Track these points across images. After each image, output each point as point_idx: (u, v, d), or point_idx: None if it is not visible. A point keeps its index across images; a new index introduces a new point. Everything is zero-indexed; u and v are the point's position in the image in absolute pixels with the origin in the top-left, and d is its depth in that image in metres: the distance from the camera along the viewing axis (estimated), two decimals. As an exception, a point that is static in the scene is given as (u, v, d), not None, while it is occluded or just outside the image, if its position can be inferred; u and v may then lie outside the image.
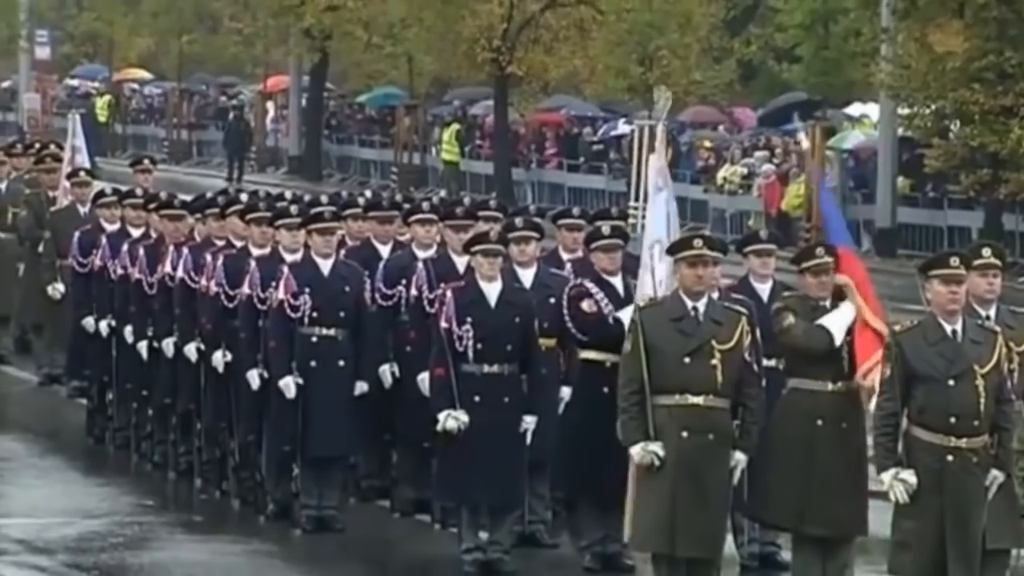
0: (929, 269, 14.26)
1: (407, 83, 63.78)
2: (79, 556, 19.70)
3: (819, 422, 15.24)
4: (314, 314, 19.52)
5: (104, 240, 24.12)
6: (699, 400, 14.74)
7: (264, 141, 68.10)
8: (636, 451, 14.77)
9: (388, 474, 20.96)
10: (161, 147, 70.43)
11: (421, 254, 20.15)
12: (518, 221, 17.97)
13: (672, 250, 15.38)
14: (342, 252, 20.64)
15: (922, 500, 13.85)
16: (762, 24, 55.60)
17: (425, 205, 21.78)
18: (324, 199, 23.50)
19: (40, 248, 28.66)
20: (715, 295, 16.18)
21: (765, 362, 16.35)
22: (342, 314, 19.55)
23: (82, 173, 29.11)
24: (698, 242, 15.07)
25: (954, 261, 14.10)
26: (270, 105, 69.14)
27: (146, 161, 31.43)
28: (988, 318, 14.99)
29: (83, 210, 27.81)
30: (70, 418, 26.63)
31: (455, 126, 60.18)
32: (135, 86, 75.66)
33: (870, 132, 50.70)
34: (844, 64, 52.79)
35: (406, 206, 22.45)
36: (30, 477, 23.98)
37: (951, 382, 13.99)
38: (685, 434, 14.65)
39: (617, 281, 17.07)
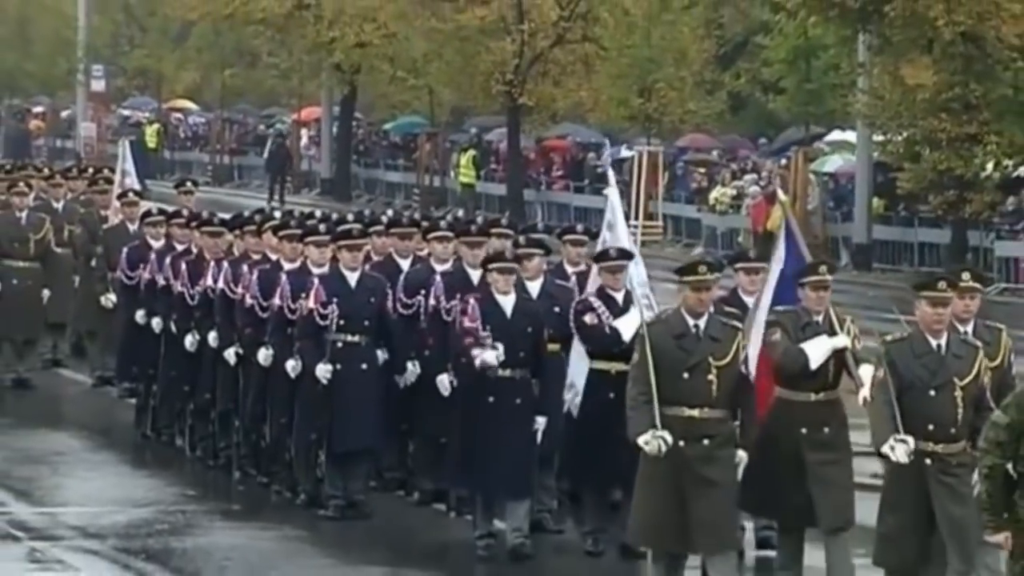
0: (920, 289, 14.21)
1: (428, 112, 63.58)
2: (128, 541, 19.68)
3: (803, 430, 15.18)
4: (341, 322, 19.59)
5: (152, 255, 24.29)
6: (695, 413, 14.68)
7: (299, 165, 68.11)
8: (645, 437, 14.67)
9: (406, 465, 21.15)
10: (205, 171, 70.16)
11: (439, 268, 20.28)
12: (522, 239, 18.12)
13: (680, 272, 15.27)
14: (367, 266, 20.76)
15: (905, 497, 13.89)
16: (750, 59, 55.13)
17: (442, 223, 21.99)
18: (350, 217, 23.64)
19: (93, 262, 28.59)
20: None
21: None
22: (366, 323, 19.65)
23: (131, 194, 29.36)
24: (703, 268, 15.07)
25: (941, 285, 14.12)
26: (304, 132, 68.77)
27: (189, 183, 31.43)
28: (966, 333, 15.00)
29: (132, 228, 27.80)
30: (120, 416, 26.45)
31: (471, 152, 60.22)
32: (181, 116, 75.79)
33: (848, 157, 51.04)
34: (825, 95, 52.60)
35: (424, 224, 22.69)
36: (84, 470, 23.87)
37: (932, 392, 13.97)
38: (682, 443, 14.57)
39: (620, 296, 17.09)
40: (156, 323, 23.59)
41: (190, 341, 22.28)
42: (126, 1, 75.82)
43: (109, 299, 27.40)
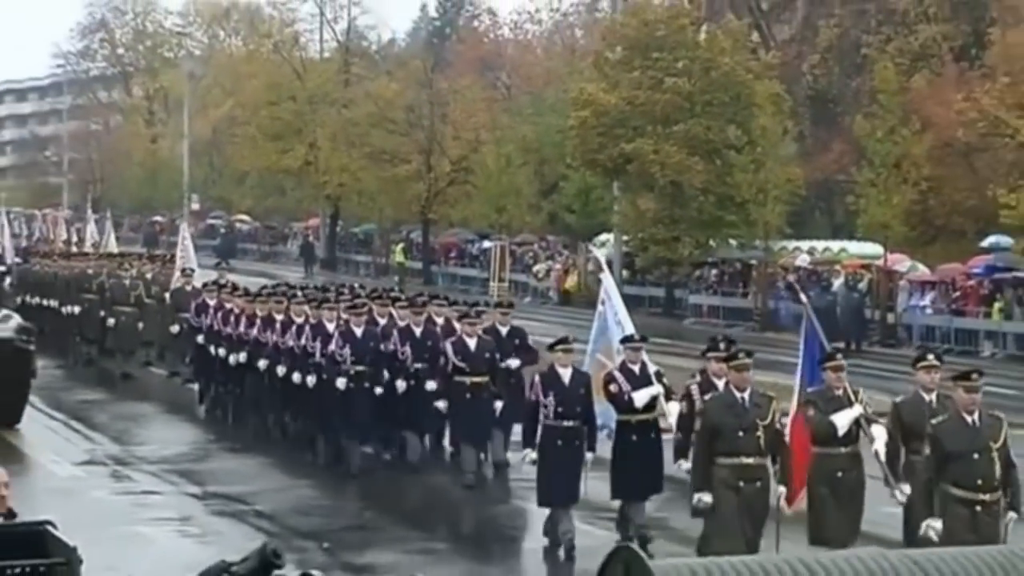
0: (955, 380, 12.06)
1: (379, 222, 62.75)
2: (171, 465, 19.81)
3: (839, 474, 13.22)
4: (352, 359, 18.91)
5: (211, 311, 23.86)
6: (750, 461, 12.90)
7: (307, 252, 68.96)
8: (698, 496, 13.04)
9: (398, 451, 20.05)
10: (256, 255, 71.36)
11: (400, 324, 19.71)
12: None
13: (726, 359, 13.72)
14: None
15: (956, 537, 11.20)
16: (557, 193, 52.56)
17: (418, 300, 21.20)
18: (346, 290, 23.58)
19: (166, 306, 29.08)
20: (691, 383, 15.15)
21: None
22: (367, 358, 19.04)
23: (187, 269, 29.24)
24: (742, 356, 13.41)
25: (974, 376, 11.86)
26: (308, 232, 67.87)
27: (221, 271, 33.75)
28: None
29: (188, 288, 27.91)
30: (181, 395, 26.44)
31: (402, 244, 60.87)
32: (241, 223, 75.89)
33: (610, 248, 47.02)
34: (597, 215, 49.88)
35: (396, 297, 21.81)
36: (153, 425, 24.01)
37: (975, 455, 11.68)
38: (742, 484, 12.84)
39: (637, 368, 15.24)
40: (212, 349, 23.41)
41: (232, 359, 22.24)
42: (210, 158, 77.81)
43: (174, 329, 27.89)
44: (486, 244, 54.73)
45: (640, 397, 15.11)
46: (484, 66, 64.52)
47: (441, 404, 18.77)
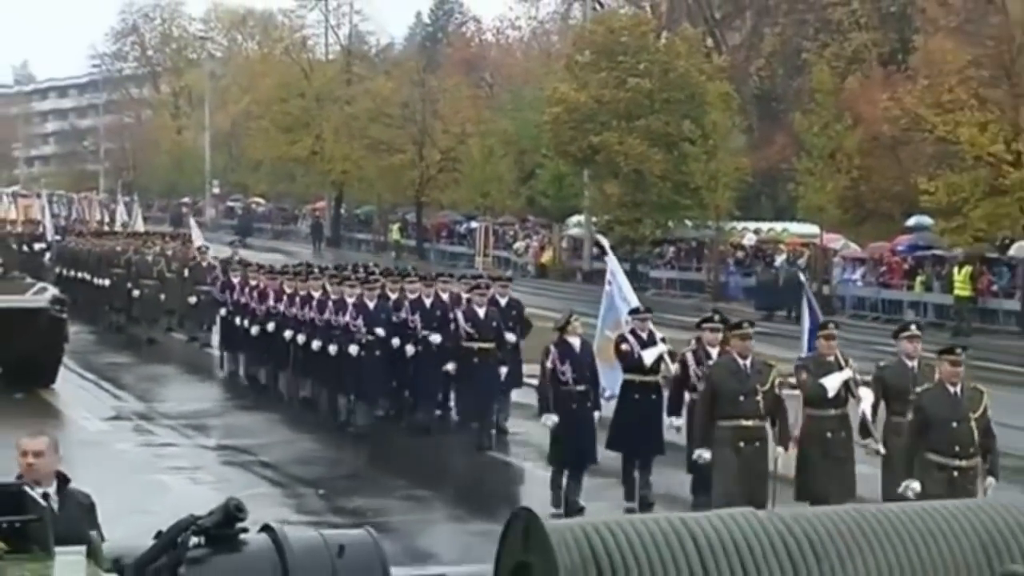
0: (940, 353, 11.49)
1: (378, 204, 62.98)
2: (188, 419, 19.74)
3: (828, 434, 12.68)
4: (364, 328, 18.57)
5: (237, 286, 23.08)
6: (750, 423, 12.36)
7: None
8: (698, 452, 12.75)
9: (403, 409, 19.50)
10: (269, 233, 70.29)
11: (411, 296, 19.13)
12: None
13: (730, 328, 13.31)
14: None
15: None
16: (535, 179, 51.98)
17: (411, 274, 20.91)
18: (364, 268, 22.99)
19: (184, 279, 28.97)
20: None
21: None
22: (378, 330, 18.65)
23: (202, 247, 30.02)
24: (746, 325, 12.97)
25: (957, 351, 11.41)
26: (318, 213, 67.70)
27: (236, 243, 33.78)
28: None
29: (204, 264, 28.42)
30: (202, 358, 26.47)
31: (399, 224, 60.85)
32: (257, 205, 75.65)
33: (582, 227, 49.15)
34: (570, 199, 49.98)
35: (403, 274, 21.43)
36: (173, 384, 23.95)
37: (954, 424, 11.10)
38: (742, 444, 12.31)
39: (645, 335, 14.77)
40: (237, 320, 22.76)
41: (255, 330, 21.55)
42: (229, 148, 77.59)
43: (191, 300, 28.11)
44: (472, 224, 54.72)
45: (648, 355, 14.65)
46: (470, 67, 64.39)
47: (450, 366, 18.19)
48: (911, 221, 40.10)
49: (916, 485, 11.14)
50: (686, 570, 2.84)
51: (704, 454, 12.68)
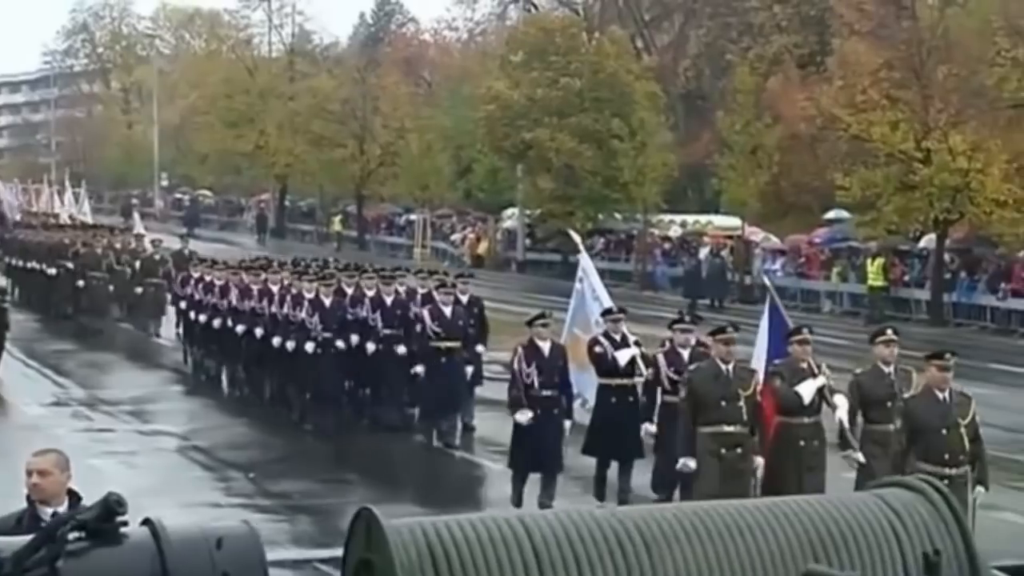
0: (928, 358, 10.72)
1: (320, 196, 63.23)
2: (128, 406, 19.53)
3: (802, 443, 11.88)
4: (320, 326, 17.88)
5: (194, 281, 22.51)
6: (732, 429, 11.68)
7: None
8: (683, 460, 11.84)
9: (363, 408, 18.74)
10: (216, 224, 68.95)
11: (369, 293, 18.39)
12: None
13: (712, 333, 12.26)
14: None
15: None
16: (472, 173, 52.01)
17: (368, 271, 19.96)
18: (321, 263, 22.86)
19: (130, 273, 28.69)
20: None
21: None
22: (334, 324, 17.97)
23: (155, 241, 29.79)
24: (730, 330, 12.06)
25: (947, 356, 10.63)
26: (263, 205, 67.07)
27: (187, 238, 32.00)
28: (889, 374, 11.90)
29: (156, 258, 28.08)
30: (147, 347, 26.22)
31: (340, 215, 59.89)
32: (204, 197, 74.76)
33: (516, 219, 48.90)
34: (504, 191, 49.60)
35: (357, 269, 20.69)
36: (116, 371, 23.60)
37: (944, 431, 10.48)
38: (724, 451, 11.64)
39: (618, 336, 14.01)
40: (192, 314, 22.29)
41: (217, 323, 20.75)
42: (177, 142, 76.44)
43: (138, 290, 27.72)
44: (411, 216, 54.70)
45: (622, 356, 13.90)
46: (409, 66, 64.01)
47: (419, 368, 17.22)
48: (832, 214, 40.35)
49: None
50: (521, 567, 2.81)
51: (689, 463, 11.95)
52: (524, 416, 13.59)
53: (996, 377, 21.75)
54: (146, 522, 3.76)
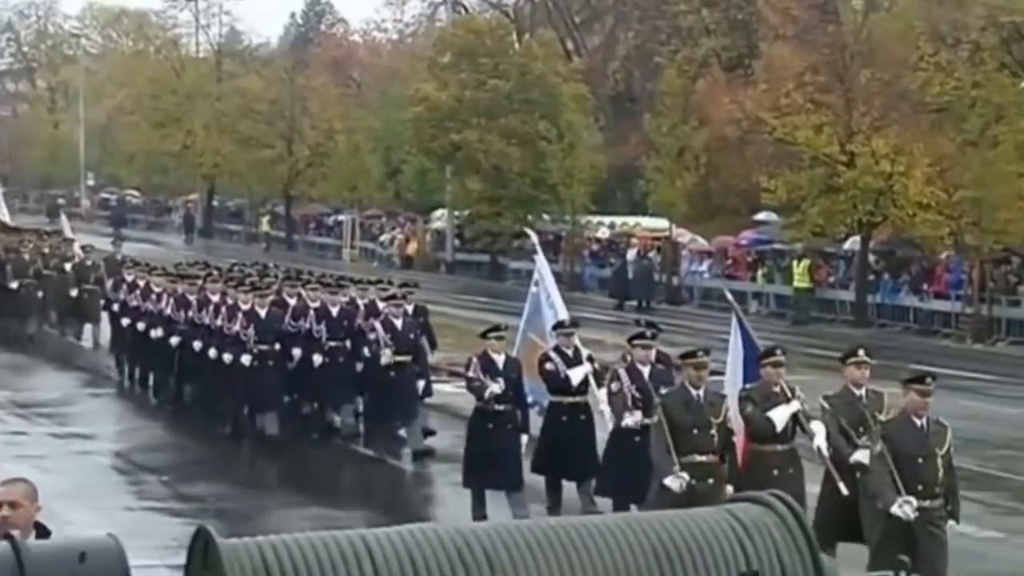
0: (907, 382, 9.92)
1: (249, 197, 62.55)
2: (43, 408, 19.23)
3: (775, 472, 10.98)
4: (255, 338, 17.29)
5: (127, 287, 21.92)
6: (704, 459, 11.02)
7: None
8: (669, 480, 10.89)
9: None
10: (143, 224, 68.30)
11: (312, 304, 17.86)
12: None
13: (683, 356, 11.56)
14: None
15: (896, 542, 9.24)
16: (401, 174, 51.80)
17: (310, 281, 19.47)
18: (260, 268, 22.52)
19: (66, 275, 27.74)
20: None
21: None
22: (269, 336, 17.42)
23: (86, 246, 28.84)
24: (701, 354, 11.37)
25: (928, 380, 9.91)
26: (190, 205, 66.34)
27: (117, 240, 31.94)
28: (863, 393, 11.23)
29: (88, 263, 27.26)
30: (68, 350, 25.91)
31: (268, 215, 59.84)
32: (132, 197, 73.58)
33: (444, 221, 49.03)
34: (433, 192, 49.23)
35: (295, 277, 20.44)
36: (36, 374, 23.19)
37: (920, 460, 9.82)
38: (694, 482, 10.89)
39: (570, 352, 13.50)
40: (125, 322, 21.64)
41: (153, 334, 19.97)
42: (104, 141, 75.78)
43: (73, 293, 26.86)
44: (340, 217, 54.60)
45: (576, 375, 13.37)
46: (338, 67, 63.58)
47: (316, 358, 16.96)
48: (761, 216, 40.44)
49: (913, 501, 9.61)
50: None
51: (682, 476, 11.05)
52: (497, 386, 13.03)
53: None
54: (7, 537, 3.75)
